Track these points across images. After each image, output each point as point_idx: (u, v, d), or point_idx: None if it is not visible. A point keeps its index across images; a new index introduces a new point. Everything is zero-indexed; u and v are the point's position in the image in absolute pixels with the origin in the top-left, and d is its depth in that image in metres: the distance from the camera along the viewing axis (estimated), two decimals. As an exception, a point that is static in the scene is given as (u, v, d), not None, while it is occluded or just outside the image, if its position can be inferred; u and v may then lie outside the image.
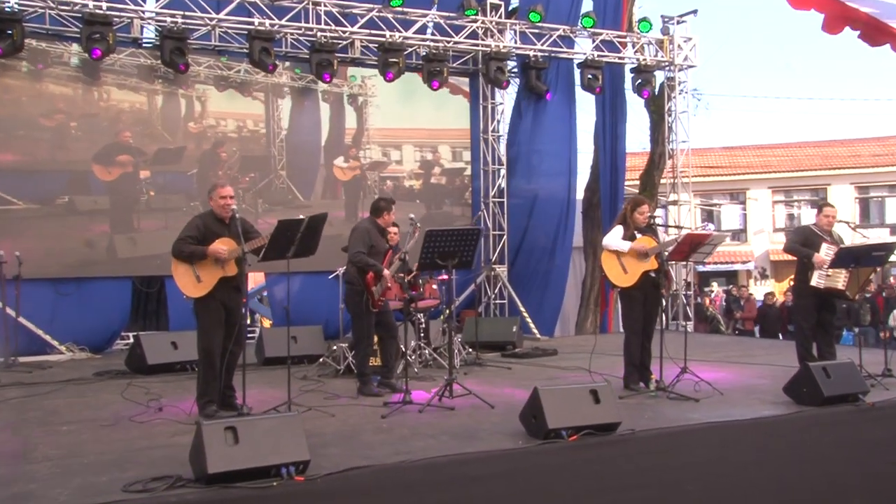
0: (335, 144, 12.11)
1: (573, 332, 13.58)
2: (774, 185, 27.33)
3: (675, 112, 13.14)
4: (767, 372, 7.62)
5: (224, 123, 11.49)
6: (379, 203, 6.88)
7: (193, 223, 5.81)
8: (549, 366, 8.58)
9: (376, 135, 12.32)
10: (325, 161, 11.98)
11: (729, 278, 26.89)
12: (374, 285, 6.55)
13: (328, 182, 12.00)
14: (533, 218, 12.57)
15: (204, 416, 5.66)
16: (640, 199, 7.03)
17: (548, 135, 12.68)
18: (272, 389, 6.99)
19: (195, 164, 11.10)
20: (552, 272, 12.43)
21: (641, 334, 6.74)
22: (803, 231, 7.34)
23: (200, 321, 5.78)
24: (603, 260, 6.84)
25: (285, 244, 5.57)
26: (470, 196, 12.74)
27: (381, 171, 12.36)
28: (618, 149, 13.04)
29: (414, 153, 12.81)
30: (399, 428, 5.33)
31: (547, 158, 12.69)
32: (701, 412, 5.64)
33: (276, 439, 4.15)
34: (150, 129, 10.95)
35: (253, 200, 11.37)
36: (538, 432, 4.89)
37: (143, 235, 10.67)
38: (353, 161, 12.19)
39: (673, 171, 13.42)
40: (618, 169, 13.04)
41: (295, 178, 11.72)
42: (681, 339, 6.62)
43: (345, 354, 7.86)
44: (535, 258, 12.46)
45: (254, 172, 11.46)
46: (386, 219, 6.77)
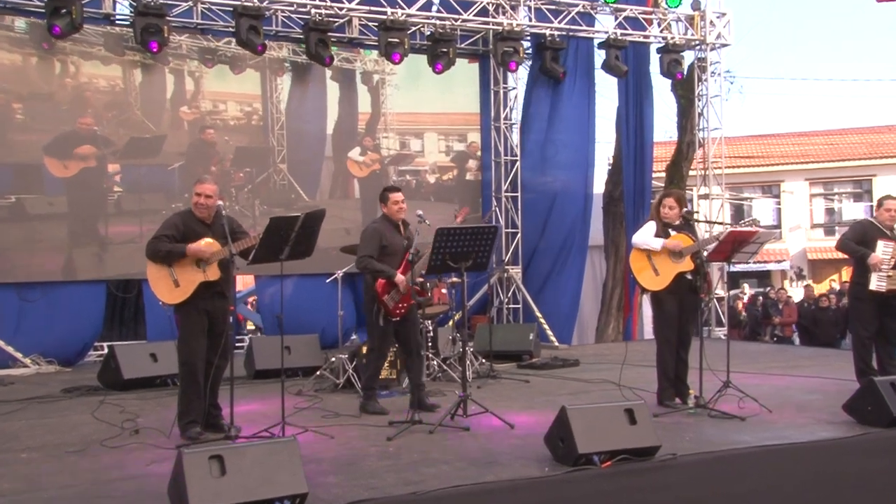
0: (345, 132, 11.40)
1: (593, 340, 13.37)
2: (812, 177, 27.05)
3: (707, 96, 12.89)
4: (818, 385, 7.39)
5: (217, 107, 10.69)
6: (381, 192, 6.61)
7: (171, 221, 5.64)
8: (571, 378, 8.35)
9: (395, 120, 11.57)
10: (334, 152, 11.32)
11: (761, 279, 26.62)
12: (385, 294, 6.29)
13: (337, 177, 11.34)
14: (548, 214, 12.35)
15: (186, 439, 5.48)
16: (667, 192, 6.81)
17: (564, 123, 12.47)
18: (263, 406, 6.85)
19: (179, 157, 10.40)
20: (570, 274, 12.22)
21: (676, 343, 6.53)
22: (861, 227, 7.08)
23: (181, 332, 5.61)
24: (632, 260, 6.63)
25: (278, 245, 5.37)
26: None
27: (404, 164, 11.68)
28: (643, 137, 12.81)
29: (438, 142, 12.09)
30: (407, 452, 5.13)
31: (563, 149, 12.48)
32: (749, 433, 5.41)
33: (269, 469, 3.94)
34: (126, 113, 10.06)
35: (249, 200, 10.76)
36: (566, 458, 4.68)
37: (113, 248, 9.83)
38: (372, 153, 11.51)
39: (703, 162, 13.18)
40: (644, 160, 12.82)
41: (297, 172, 11.05)
42: (715, 348, 6.38)
43: (344, 366, 7.65)
44: (552, 258, 12.24)
45: (250, 166, 10.81)
46: (392, 207, 6.47)
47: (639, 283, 6.73)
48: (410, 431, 5.64)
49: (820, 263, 26.91)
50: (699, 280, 6.47)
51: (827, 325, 13.58)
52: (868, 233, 6.90)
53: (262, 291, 11.49)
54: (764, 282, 25.86)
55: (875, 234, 6.84)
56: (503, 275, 12.23)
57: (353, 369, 7.58)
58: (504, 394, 7.44)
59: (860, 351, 6.98)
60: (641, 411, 4.87)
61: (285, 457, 4.03)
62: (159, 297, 5.53)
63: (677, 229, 6.52)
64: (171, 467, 3.97)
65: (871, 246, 6.79)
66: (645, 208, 12.75)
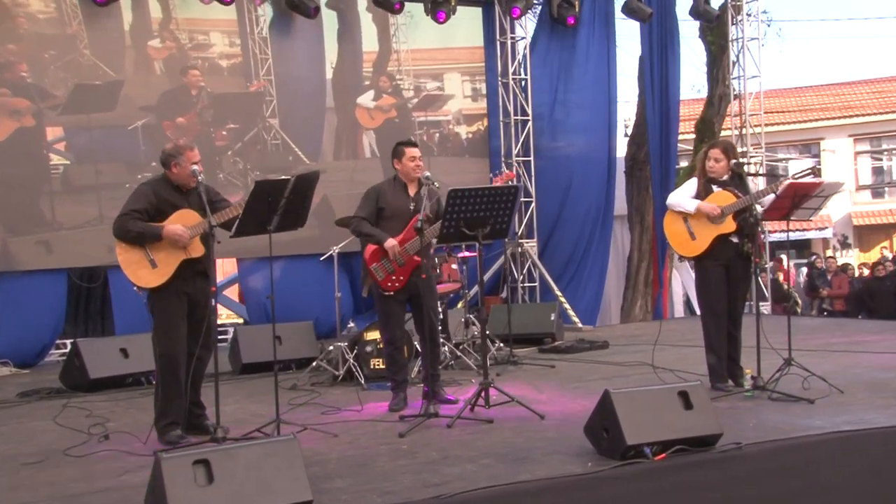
0: (348, 77, 10.54)
1: (617, 320, 13.17)
2: (857, 133, 26.69)
3: (743, 39, 12.56)
4: (891, 362, 7.14)
5: (196, 38, 9.59)
6: (394, 149, 6.33)
7: (142, 192, 5.34)
8: (602, 362, 8.14)
9: (410, 59, 10.76)
10: (336, 102, 10.54)
11: (800, 249, 26.37)
12: (374, 261, 6.03)
13: (342, 134, 10.56)
14: (569, 182, 12.11)
15: (165, 443, 5.24)
16: (713, 143, 6.57)
17: (580, 80, 12.27)
18: (253, 404, 6.63)
19: (144, 112, 9.37)
20: (595, 247, 12.02)
21: (725, 318, 6.27)
22: None
23: (158, 319, 5.33)
24: (666, 223, 6.41)
25: (265, 214, 5.10)
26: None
27: (433, 110, 10.86)
28: (669, 91, 12.59)
29: (463, 84, 11.24)
30: (424, 450, 4.88)
31: (578, 109, 12.30)
32: (821, 418, 5.14)
33: (265, 474, 3.69)
34: (69, 54, 8.78)
35: (234, 166, 9.96)
36: (613, 450, 4.42)
37: (64, 235, 8.84)
38: (388, 97, 10.59)
39: (740, 117, 12.87)
40: (670, 117, 12.61)
41: (292, 129, 10.23)
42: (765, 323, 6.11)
43: (344, 356, 7.40)
44: (574, 231, 12.01)
45: (234, 122, 9.99)
46: (404, 165, 6.19)
47: (674, 248, 6.49)
48: (425, 426, 5.41)
49: (867, 230, 26.62)
50: (747, 243, 6.21)
51: (885, 296, 13.31)
52: None
53: (246, 277, 11.21)
54: (803, 252, 25.59)
55: None
56: (517, 249, 11.97)
57: (353, 358, 7.33)
58: (528, 381, 7.23)
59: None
60: (698, 394, 4.60)
61: (284, 459, 3.77)
62: (136, 281, 5.23)
63: (723, 185, 6.25)
64: (147, 477, 3.73)
65: None
66: (671, 171, 12.53)
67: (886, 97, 27.05)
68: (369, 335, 7.40)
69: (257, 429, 5.29)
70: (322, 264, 9.96)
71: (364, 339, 7.39)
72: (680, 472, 4.33)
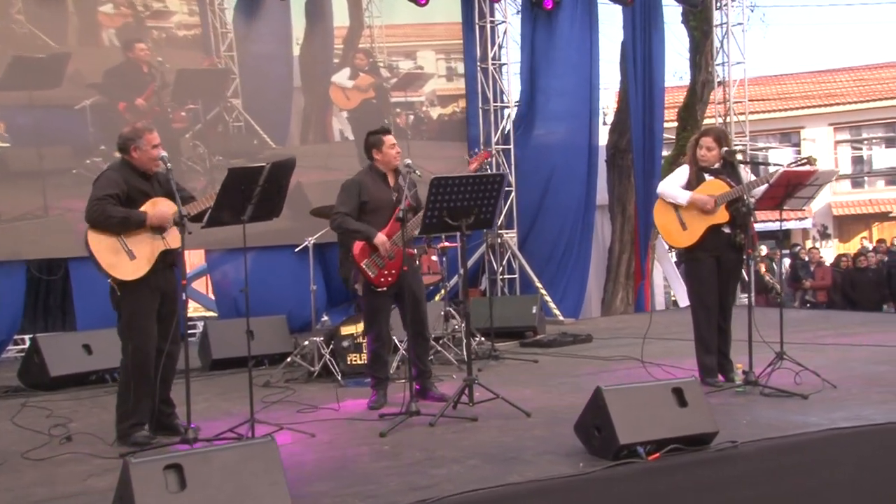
0: (318, 54, 10.16)
1: (598, 313, 13.12)
2: (837, 121, 26.89)
3: (727, 25, 12.52)
4: (884, 355, 7.14)
5: (151, 6, 8.97)
6: (367, 139, 6.20)
7: (111, 178, 5.15)
8: (586, 356, 8.06)
9: (384, 35, 10.37)
10: (304, 82, 10.18)
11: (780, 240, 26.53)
12: (364, 258, 5.90)
13: (310, 116, 10.17)
14: (547, 171, 12.02)
15: (132, 445, 5.07)
16: (705, 130, 6.47)
17: (561, 66, 12.14)
18: (225, 402, 6.49)
19: (92, 90, 8.74)
20: (576, 238, 11.94)
21: (716, 311, 6.20)
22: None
23: (129, 314, 5.15)
24: (656, 212, 6.34)
25: (239, 203, 4.95)
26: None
27: (412, 90, 10.55)
28: (654, 78, 12.51)
29: (437, 63, 10.90)
30: (408, 450, 4.76)
31: (560, 96, 12.19)
32: (817, 414, 5.09)
33: (242, 479, 3.54)
34: (3, 20, 8.09)
35: (194, 150, 9.45)
36: (605, 450, 4.32)
37: (2, 227, 8.29)
38: (365, 76, 10.27)
39: (724, 104, 12.85)
40: (654, 104, 12.54)
41: (257, 110, 9.79)
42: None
43: (319, 351, 7.26)
44: (553, 221, 11.93)
45: (194, 101, 9.51)
46: (385, 154, 6.07)
47: (664, 239, 6.43)
48: (407, 425, 5.29)
49: (847, 220, 26.85)
50: (739, 234, 6.16)
51: (867, 287, 13.37)
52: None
53: (215, 270, 11.02)
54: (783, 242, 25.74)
55: None
56: (496, 241, 11.87)
57: (329, 354, 7.19)
58: (511, 377, 7.14)
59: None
60: (692, 390, 4.52)
61: (261, 463, 3.62)
62: (114, 274, 5.03)
63: (715, 173, 6.18)
64: (114, 482, 3.57)
65: None
66: (655, 160, 12.48)
67: (867, 85, 27.26)
68: (346, 330, 7.28)
69: (230, 429, 5.14)
70: (295, 256, 9.82)
71: (340, 333, 7.26)
72: (674, 473, 4.24)
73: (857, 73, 28.03)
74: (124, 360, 5.27)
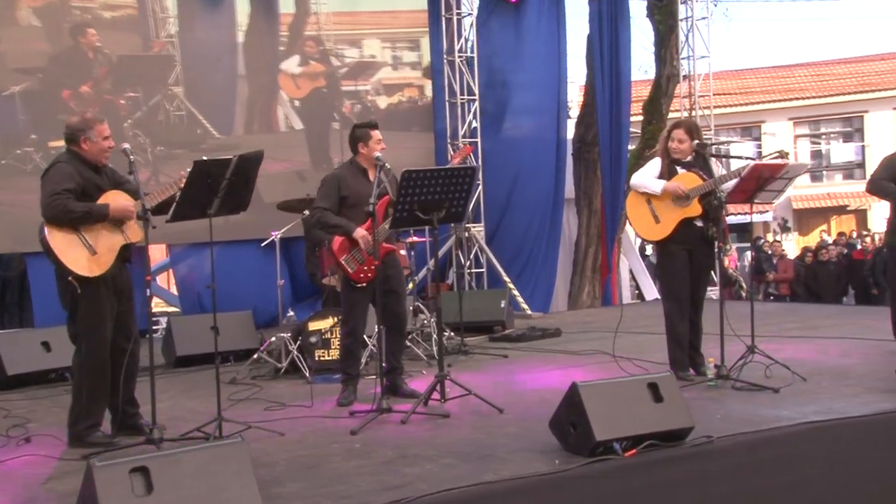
0: (263, 41, 9.82)
1: (564, 307, 13.07)
2: (797, 116, 27.16)
3: (692, 19, 12.53)
4: (852, 348, 7.16)
5: None
6: (353, 132, 6.07)
7: (65, 171, 4.92)
8: (556, 350, 8.00)
9: (331, 22, 10.02)
10: (248, 70, 9.89)
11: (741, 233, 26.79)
12: (344, 253, 5.78)
13: (254, 105, 9.86)
14: (515, 165, 11.95)
15: (89, 445, 4.92)
16: (676, 122, 6.42)
17: (529, 59, 12.05)
18: (190, 401, 6.33)
19: (22, 76, 8.38)
20: (545, 232, 11.88)
21: (688, 304, 6.17)
22: (892, 163, 6.79)
23: (87, 312, 4.96)
24: (628, 205, 6.29)
25: (205, 196, 4.81)
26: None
27: (363, 78, 10.27)
28: (620, 72, 12.42)
29: (383, 51, 10.59)
30: (379, 448, 4.66)
31: (527, 90, 12.10)
32: (789, 407, 5.07)
33: (212, 482, 3.43)
34: None
35: (134, 139, 9.04)
36: (581, 447, 4.27)
37: None
38: (316, 64, 9.99)
39: (689, 98, 12.87)
40: (620, 98, 12.45)
41: (200, 98, 9.48)
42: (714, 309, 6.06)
43: (287, 347, 7.12)
44: (522, 215, 11.86)
45: (135, 89, 9.19)
46: (371, 149, 5.91)
47: (637, 232, 6.38)
48: (378, 422, 5.20)
49: (806, 213, 27.16)
50: (712, 228, 6.14)
51: (829, 279, 13.48)
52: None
53: (178, 264, 10.82)
54: (744, 236, 25.99)
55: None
56: (463, 234, 11.78)
57: (297, 350, 7.06)
58: (480, 371, 7.07)
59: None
60: (668, 385, 4.49)
61: (231, 464, 3.51)
62: (74, 269, 4.83)
63: (687, 166, 6.15)
64: (77, 485, 3.45)
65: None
66: (622, 154, 12.47)
67: (826, 80, 27.58)
68: (314, 325, 7.14)
69: (197, 428, 5.01)
70: (259, 250, 9.68)
71: (308, 329, 7.12)
72: (651, 469, 4.21)
73: (816, 69, 28.35)
74: (78, 361, 5.09)
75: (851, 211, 26.93)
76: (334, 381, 6.72)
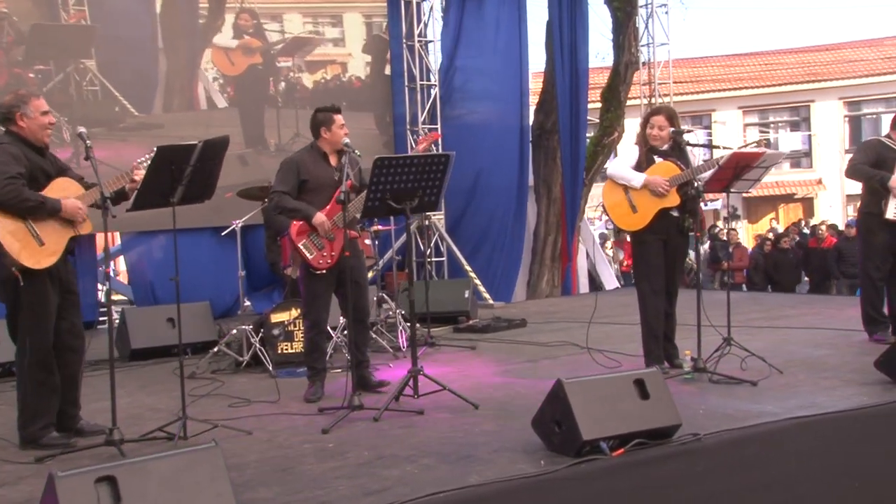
0: (181, 11, 9.24)
1: (524, 296, 12.96)
2: (746, 105, 27.39)
3: (652, 6, 12.44)
4: (821, 338, 7.11)
5: None
6: (315, 116, 5.81)
7: (12, 153, 4.56)
8: (524, 342, 7.82)
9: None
10: (165, 43, 9.30)
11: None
12: (302, 239, 5.54)
13: (173, 82, 9.25)
14: (477, 152, 11.75)
15: (43, 447, 4.61)
16: (656, 109, 6.30)
17: (490, 44, 11.87)
18: (148, 397, 6.06)
19: None
20: (509, 220, 11.74)
21: (663, 295, 6.05)
22: (872, 147, 6.74)
23: (31, 306, 4.64)
24: (605, 194, 6.11)
25: (168, 184, 4.53)
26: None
27: (301, 56, 9.85)
28: (578, 58, 12.31)
29: (304, 26, 9.89)
30: (354, 449, 4.44)
31: (488, 76, 11.92)
32: (770, 402, 4.96)
33: (184, 491, 3.18)
34: None
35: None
36: (566, 447, 4.09)
37: None
38: (251, 38, 9.42)
39: (650, 86, 12.80)
40: (579, 85, 12.34)
41: (116, 75, 8.86)
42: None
43: (249, 339, 6.85)
44: (485, 203, 11.70)
45: (44, 62, 8.58)
46: (334, 134, 5.69)
47: (613, 221, 6.21)
48: (349, 420, 4.95)
49: (755, 201, 27.43)
50: (688, 218, 6.02)
51: (789, 268, 13.53)
52: (880, 154, 6.57)
53: (129, 253, 10.43)
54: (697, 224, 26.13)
55: (890, 155, 6.51)
56: (423, 223, 11.56)
57: (259, 342, 6.79)
58: (449, 364, 6.86)
59: (870, 295, 6.71)
60: (655, 382, 4.33)
61: (205, 472, 3.26)
62: (22, 261, 4.50)
63: (664, 155, 6.01)
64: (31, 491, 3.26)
65: (886, 168, 6.47)
66: (581, 141, 12.35)
67: (774, 70, 27.84)
68: (276, 317, 6.88)
69: (160, 428, 4.73)
70: (213, 238, 9.39)
71: (270, 321, 6.86)
72: (639, 469, 4.05)
73: (765, 58, 28.62)
74: (22, 359, 4.75)
75: (799, 199, 27.28)
76: (298, 374, 6.49)
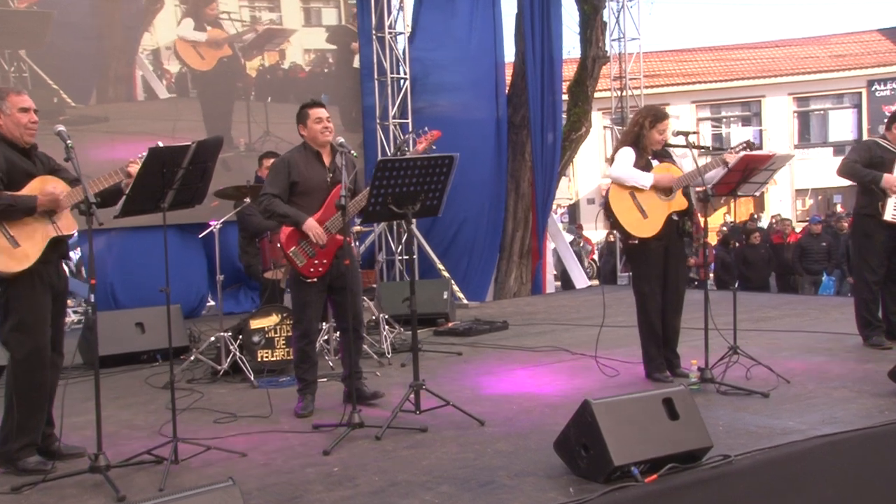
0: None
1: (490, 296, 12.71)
2: (699, 99, 27.51)
3: (624, 1, 12.25)
4: (815, 342, 6.98)
5: None
6: (300, 111, 5.42)
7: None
8: (510, 347, 7.52)
9: None
10: (101, 30, 8.75)
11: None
12: (292, 245, 5.19)
13: (108, 71, 8.73)
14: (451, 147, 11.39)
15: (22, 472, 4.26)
16: (658, 113, 5.88)
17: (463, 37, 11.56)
18: (124, 411, 5.66)
19: None
20: (484, 218, 11.49)
21: (663, 302, 5.82)
22: (867, 147, 6.61)
23: (19, 315, 4.26)
24: (612, 199, 5.74)
25: (158, 188, 4.16)
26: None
27: (272, 46, 9.50)
28: (552, 50, 12.07)
29: (241, 10, 9.30)
30: (361, 473, 4.12)
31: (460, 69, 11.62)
32: (789, 416, 4.76)
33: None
34: None
35: None
36: (595, 472, 3.83)
37: None
38: (217, 30, 9.02)
39: (621, 81, 12.62)
40: (553, 78, 12.10)
41: (49, 62, 8.37)
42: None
43: (228, 346, 6.46)
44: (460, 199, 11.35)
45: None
46: (310, 129, 5.29)
47: (625, 228, 5.81)
48: (349, 439, 4.64)
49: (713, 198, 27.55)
50: (687, 220, 5.82)
51: (759, 263, 13.46)
52: (875, 154, 6.44)
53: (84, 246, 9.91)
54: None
55: (884, 155, 6.40)
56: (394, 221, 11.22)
57: (238, 349, 6.42)
58: (439, 374, 6.49)
59: (865, 299, 6.57)
60: (683, 401, 4.08)
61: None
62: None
63: (659, 158, 5.81)
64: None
65: (882, 168, 6.34)
66: (557, 135, 12.13)
67: (726, 64, 28.03)
68: (256, 323, 6.51)
69: (147, 451, 4.36)
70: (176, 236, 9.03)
71: (250, 327, 6.48)
72: (673, 495, 3.81)
73: (718, 53, 28.82)
74: (12, 369, 4.37)
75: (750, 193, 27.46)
76: (282, 384, 6.16)
